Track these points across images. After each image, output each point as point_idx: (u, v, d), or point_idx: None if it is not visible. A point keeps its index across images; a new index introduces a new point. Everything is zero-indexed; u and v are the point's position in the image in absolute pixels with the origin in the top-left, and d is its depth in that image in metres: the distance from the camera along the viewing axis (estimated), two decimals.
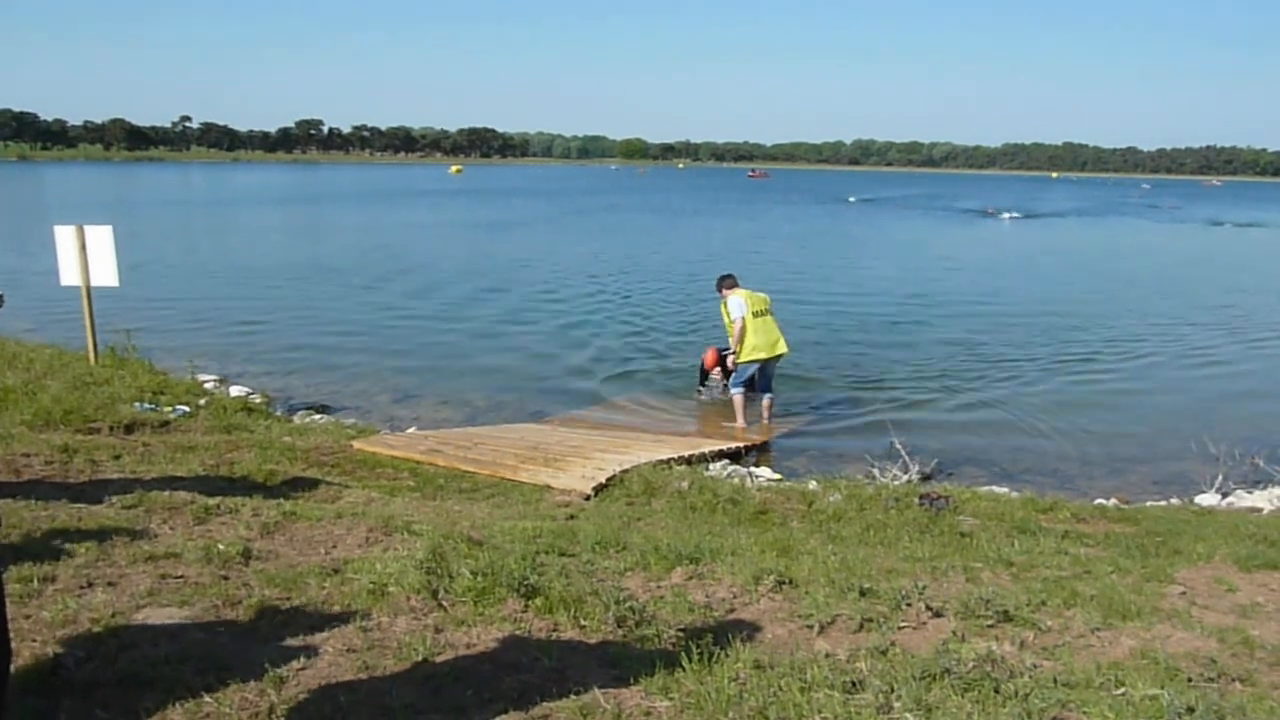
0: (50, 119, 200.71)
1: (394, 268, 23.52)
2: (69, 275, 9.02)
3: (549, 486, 6.62)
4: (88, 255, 8.90)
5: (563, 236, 35.01)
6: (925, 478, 7.77)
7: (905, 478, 7.53)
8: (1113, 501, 7.39)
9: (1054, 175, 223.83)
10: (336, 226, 40.34)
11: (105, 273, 8.99)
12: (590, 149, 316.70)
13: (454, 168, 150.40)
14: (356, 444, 7.55)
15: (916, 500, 6.35)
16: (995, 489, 7.44)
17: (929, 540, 5.62)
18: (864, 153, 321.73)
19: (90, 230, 8.93)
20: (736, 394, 9.74)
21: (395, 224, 41.11)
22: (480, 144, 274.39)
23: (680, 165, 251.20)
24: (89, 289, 9.06)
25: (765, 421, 9.74)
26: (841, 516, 6.23)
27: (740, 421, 9.60)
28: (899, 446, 8.09)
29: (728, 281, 10.00)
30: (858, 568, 4.49)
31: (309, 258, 26.13)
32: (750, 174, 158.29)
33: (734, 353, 9.81)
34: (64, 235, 8.94)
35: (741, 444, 8.85)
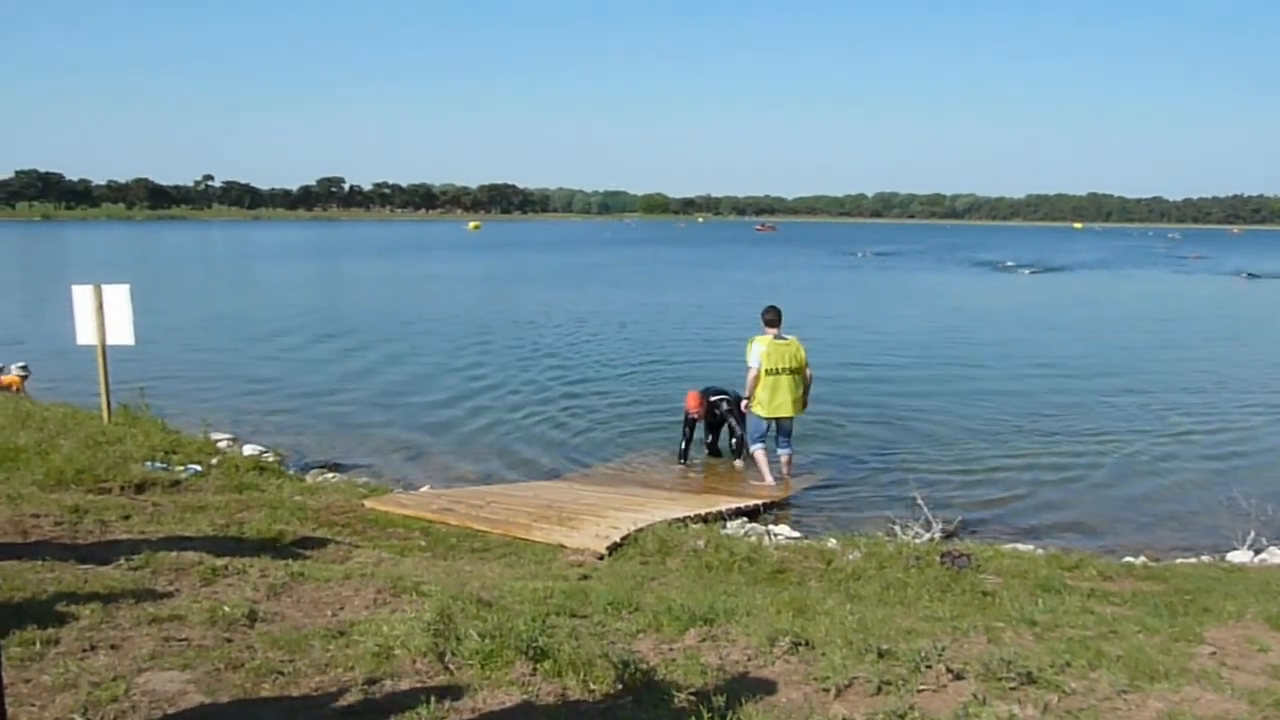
0: (75, 179, 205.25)
1: (406, 323, 23.66)
2: (85, 334, 9.10)
3: (562, 546, 6.53)
4: (104, 314, 8.98)
5: (575, 290, 35.18)
6: (948, 535, 7.62)
7: (927, 535, 7.39)
8: (1140, 559, 7.22)
9: (1078, 226, 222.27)
10: (351, 282, 40.75)
11: (122, 331, 9.06)
12: (611, 204, 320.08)
13: (472, 224, 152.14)
14: (368, 503, 7.50)
15: (938, 558, 6.22)
16: (1019, 546, 7.29)
17: (950, 599, 5.49)
18: (886, 205, 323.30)
19: (107, 289, 9.03)
20: (757, 450, 9.54)
21: (410, 279, 41.48)
22: (501, 200, 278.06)
23: (700, 219, 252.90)
24: (104, 348, 9.12)
25: (785, 477, 9.56)
26: (861, 575, 6.11)
27: (767, 478, 9.42)
28: (921, 503, 7.96)
29: (766, 316, 9.61)
30: (876, 628, 4.37)
31: (323, 314, 26.36)
32: (758, 228, 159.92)
33: (746, 399, 9.63)
34: (81, 295, 9.03)
35: (759, 501, 8.72)
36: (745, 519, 8.04)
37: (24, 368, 12.36)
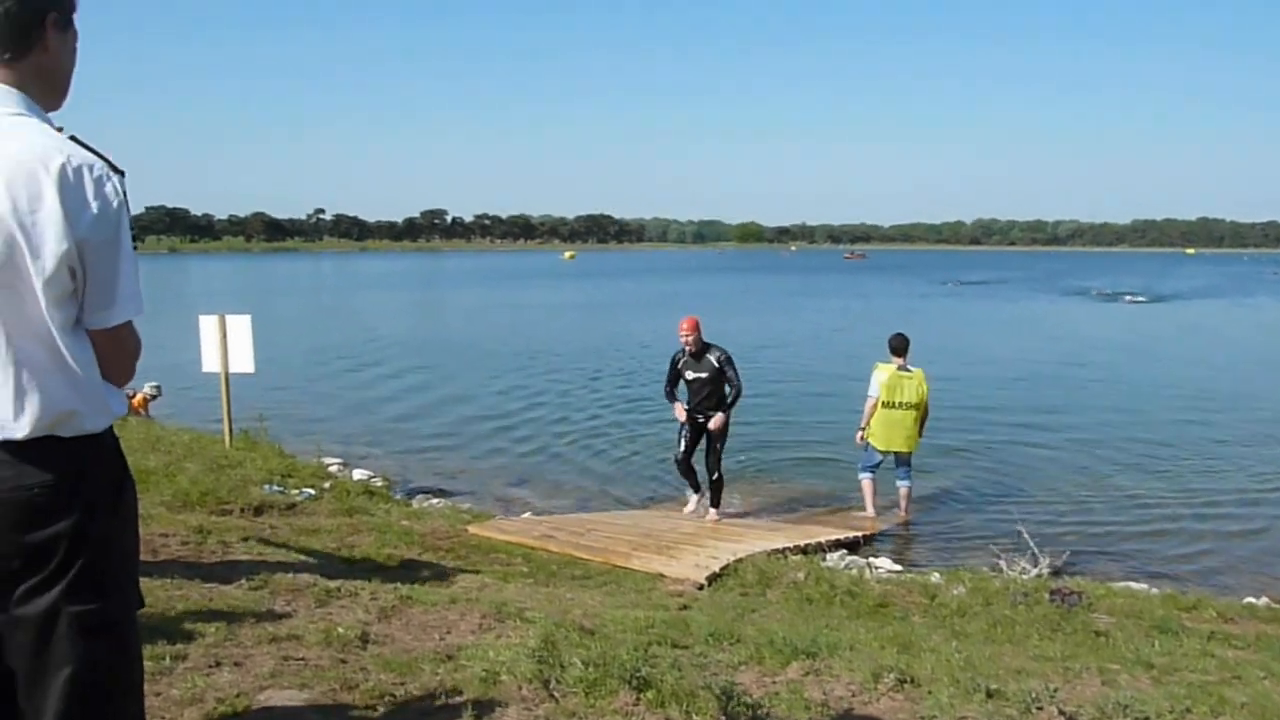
0: (199, 214, 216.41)
1: (504, 351, 24.10)
2: (210, 362, 9.55)
3: (662, 575, 6.56)
4: (228, 343, 9.42)
5: (665, 319, 35.27)
6: (1055, 572, 7.36)
7: (1034, 571, 7.15)
8: (1263, 600, 6.84)
9: (1190, 252, 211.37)
10: (452, 311, 41.72)
11: (243, 360, 9.48)
12: (705, 233, 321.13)
13: (567, 254, 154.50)
14: (471, 528, 7.66)
15: (1046, 595, 6.02)
16: (1132, 585, 6.99)
17: (1060, 639, 5.31)
18: (985, 232, 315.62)
19: (231, 320, 9.47)
20: (865, 479, 9.34)
21: (509, 307, 42.24)
22: (597, 230, 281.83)
23: (792, 248, 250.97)
24: (227, 375, 9.56)
25: (902, 512, 9.33)
26: (966, 611, 5.96)
27: (869, 510, 9.24)
28: (1027, 537, 7.71)
29: (893, 342, 9.41)
30: (984, 666, 4.26)
31: (425, 341, 27.05)
32: (846, 256, 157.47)
33: (861, 428, 9.45)
34: (207, 324, 9.50)
35: (859, 533, 8.58)
36: (845, 551, 7.93)
37: (156, 387, 12.98)
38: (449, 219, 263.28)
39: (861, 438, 9.46)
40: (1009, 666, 4.36)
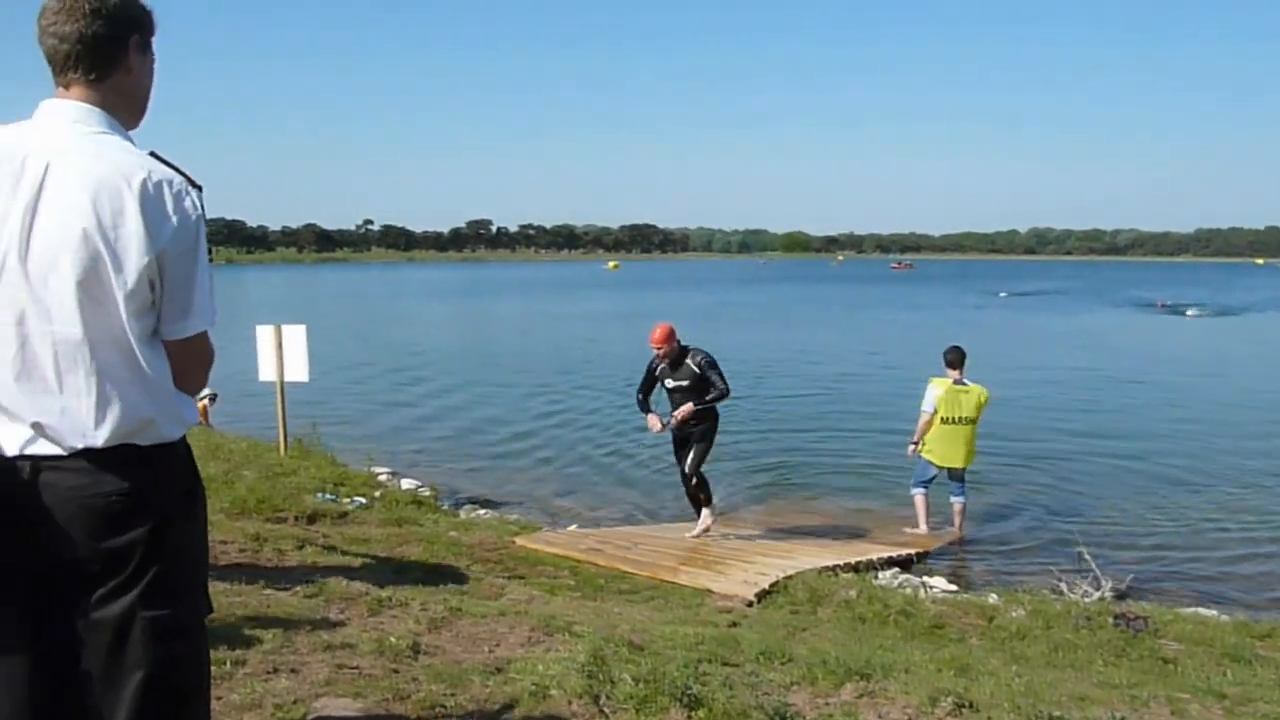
0: (254, 225, 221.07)
1: (548, 362, 24.18)
2: (266, 371, 9.70)
3: (709, 590, 6.50)
4: (283, 353, 9.56)
5: (709, 330, 35.18)
6: (1119, 595, 7.15)
7: (1096, 594, 6.96)
8: None
9: (1259, 261, 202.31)
10: (498, 321, 42.00)
11: (298, 369, 9.62)
12: (751, 243, 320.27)
13: (611, 263, 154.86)
14: (518, 540, 7.68)
15: (1110, 620, 5.86)
16: (1201, 611, 6.76)
17: (1126, 665, 5.16)
18: (1040, 241, 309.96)
19: (287, 329, 9.61)
20: (918, 494, 9.19)
21: (553, 317, 42.42)
22: (641, 240, 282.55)
23: (839, 258, 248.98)
24: (283, 384, 9.70)
25: (956, 530, 9.17)
26: (1025, 634, 5.81)
27: (922, 527, 9.09)
28: (1088, 559, 7.52)
29: (949, 356, 9.27)
30: (1045, 692, 4.15)
31: (473, 351, 27.26)
32: (893, 266, 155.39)
33: (914, 443, 9.30)
34: (264, 334, 9.65)
35: (913, 551, 8.43)
36: (897, 569, 7.79)
37: (212, 395, 13.23)
38: (494, 229, 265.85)
39: (914, 452, 9.32)
40: (1072, 693, 4.23)
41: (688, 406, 8.03)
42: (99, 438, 1.77)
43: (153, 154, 1.85)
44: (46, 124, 1.82)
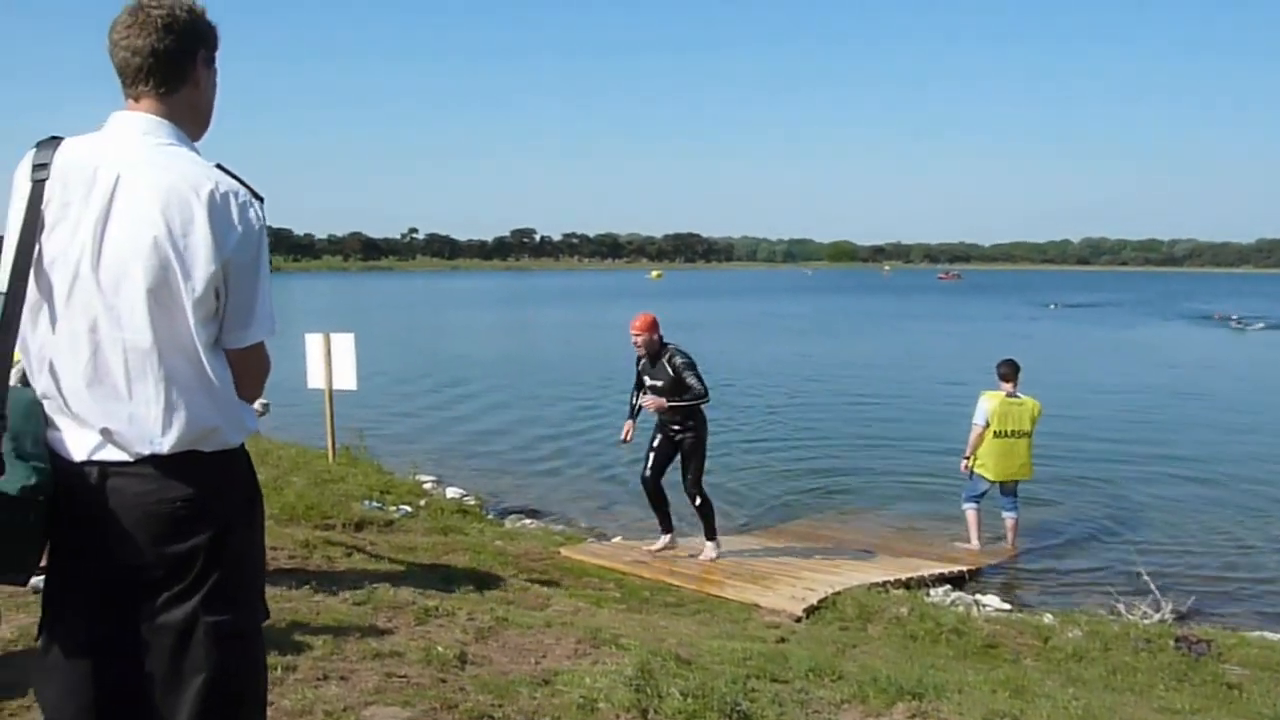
0: (301, 233, 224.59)
1: (597, 371, 24.11)
2: (315, 379, 9.79)
3: (757, 605, 6.43)
4: (332, 361, 9.65)
5: (753, 340, 34.99)
6: (1179, 617, 6.94)
7: (1156, 616, 6.76)
8: None
9: None
10: (543, 329, 42.16)
11: (346, 377, 9.70)
12: (796, 252, 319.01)
13: (654, 273, 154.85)
14: (564, 551, 7.67)
15: (1171, 642, 5.69)
16: (1267, 634, 6.54)
17: (1188, 690, 5.01)
18: (1094, 251, 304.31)
19: (335, 338, 9.70)
20: (970, 509, 9.02)
21: (595, 327, 42.39)
22: (685, 249, 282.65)
23: (886, 268, 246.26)
24: (331, 392, 9.79)
25: (1009, 546, 8.99)
26: (1083, 656, 5.67)
27: (974, 542, 8.92)
28: (1146, 579, 7.32)
29: (1001, 370, 9.13)
30: (1104, 717, 4.04)
31: (517, 361, 27.34)
32: (940, 276, 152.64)
33: (966, 457, 9.14)
34: (313, 342, 9.75)
35: (965, 568, 8.27)
36: (949, 586, 7.65)
37: (264, 404, 13.40)
38: (537, 238, 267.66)
39: (966, 466, 9.17)
40: (1132, 717, 4.12)
41: (660, 400, 7.48)
42: (165, 444, 1.80)
43: (219, 166, 1.88)
44: (117, 135, 1.86)
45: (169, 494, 1.79)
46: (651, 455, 7.83)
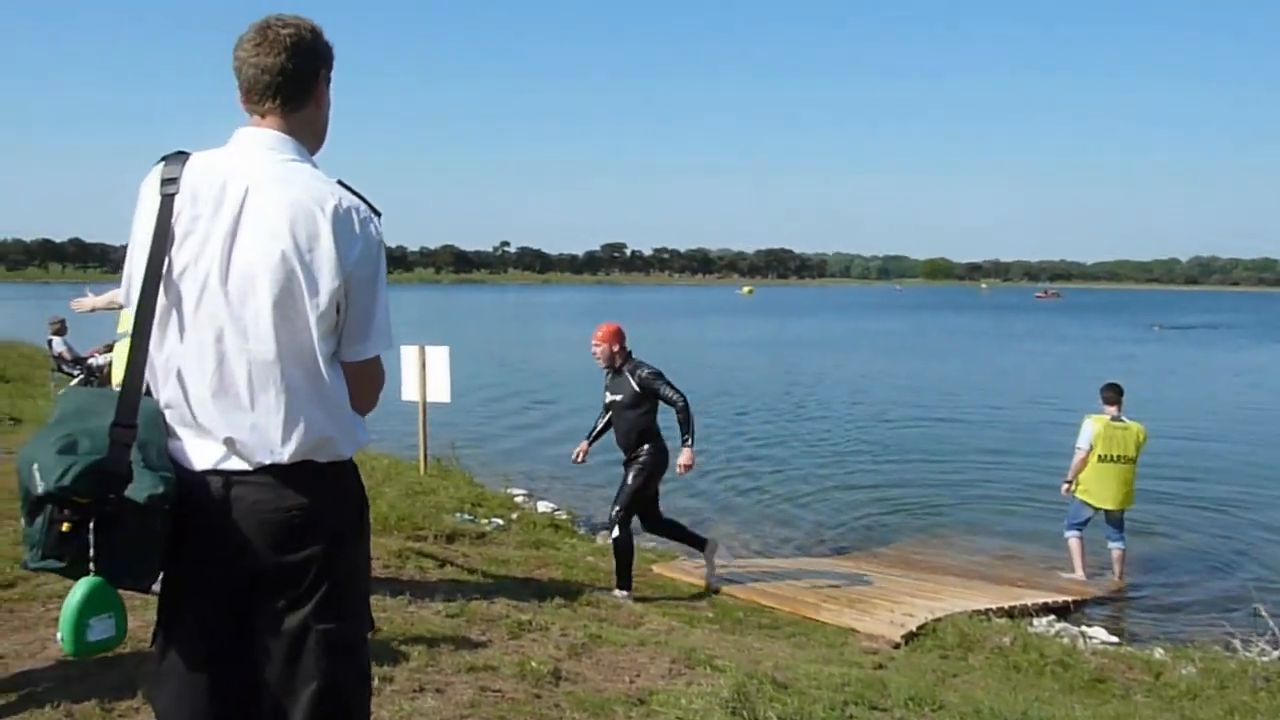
0: (394, 245, 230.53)
1: (689, 387, 23.96)
2: (409, 391, 9.97)
3: (853, 630, 6.29)
4: (426, 373, 9.81)
5: (850, 358, 34.39)
6: None
7: (1275, 653, 6.38)
8: None
9: None
10: (635, 344, 42.02)
11: (440, 390, 9.82)
12: (891, 269, 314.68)
13: (745, 289, 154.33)
14: (656, 568, 7.63)
15: None
16: None
17: None
18: (1203, 270, 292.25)
19: (430, 350, 9.85)
20: (1073, 538, 8.72)
21: (688, 343, 42.15)
22: (777, 265, 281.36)
23: (984, 286, 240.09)
24: (425, 404, 9.95)
25: (1116, 578, 8.64)
26: (1197, 694, 5.38)
27: (1079, 572, 8.61)
28: (1264, 615, 6.91)
29: (1105, 394, 8.88)
30: None
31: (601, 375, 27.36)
32: (1037, 295, 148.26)
33: (1068, 482, 8.85)
34: (409, 354, 9.93)
35: (1069, 598, 7.95)
36: (1053, 616, 7.35)
37: None
38: (628, 252, 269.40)
39: (1068, 490, 8.86)
40: None
41: (691, 458, 6.80)
42: (285, 454, 1.83)
43: (339, 181, 1.91)
44: (244, 151, 1.90)
45: (285, 503, 1.83)
46: (622, 494, 6.85)
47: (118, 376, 4.54)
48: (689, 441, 6.74)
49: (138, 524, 1.72)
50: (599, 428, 7.25)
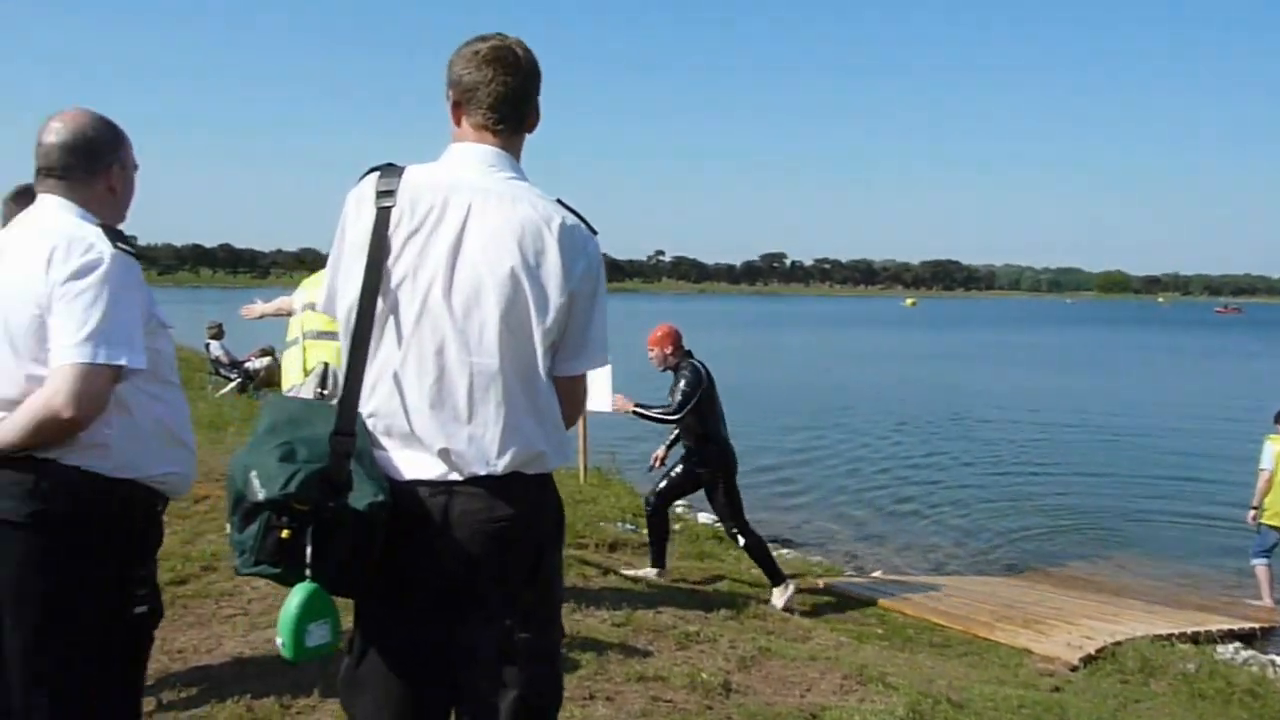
0: None
1: (856, 399, 23.47)
2: None
3: (1029, 650, 6.05)
4: (588, 382, 9.98)
5: (1018, 372, 32.87)
6: None
7: None
8: None
9: None
10: (799, 355, 41.53)
11: (601, 399, 9.98)
12: (1063, 281, 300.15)
13: (908, 300, 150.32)
14: (822, 582, 7.55)
15: None
16: None
17: None
18: None
19: None
20: (1260, 565, 8.21)
21: (852, 355, 41.34)
22: (943, 276, 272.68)
23: (1161, 300, 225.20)
24: (585, 414, 10.15)
25: None
26: None
27: (1266, 599, 8.09)
28: None
29: (1278, 414, 8.47)
30: None
31: (772, 387, 26.95)
32: (1217, 310, 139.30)
33: (1254, 507, 8.32)
34: None
35: (1256, 625, 7.45)
36: (1239, 644, 6.91)
37: None
38: (788, 263, 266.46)
39: (1254, 518, 8.35)
40: None
41: (627, 402, 6.96)
42: (500, 466, 1.86)
43: (559, 200, 1.97)
44: (463, 166, 1.95)
45: (496, 513, 1.86)
46: (665, 480, 6.93)
47: (289, 380, 4.65)
48: (640, 406, 6.89)
49: (356, 532, 1.76)
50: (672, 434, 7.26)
